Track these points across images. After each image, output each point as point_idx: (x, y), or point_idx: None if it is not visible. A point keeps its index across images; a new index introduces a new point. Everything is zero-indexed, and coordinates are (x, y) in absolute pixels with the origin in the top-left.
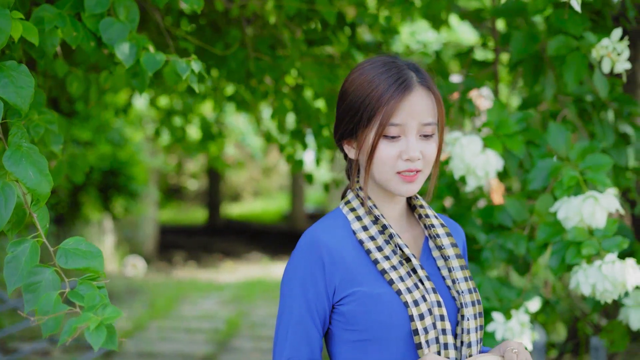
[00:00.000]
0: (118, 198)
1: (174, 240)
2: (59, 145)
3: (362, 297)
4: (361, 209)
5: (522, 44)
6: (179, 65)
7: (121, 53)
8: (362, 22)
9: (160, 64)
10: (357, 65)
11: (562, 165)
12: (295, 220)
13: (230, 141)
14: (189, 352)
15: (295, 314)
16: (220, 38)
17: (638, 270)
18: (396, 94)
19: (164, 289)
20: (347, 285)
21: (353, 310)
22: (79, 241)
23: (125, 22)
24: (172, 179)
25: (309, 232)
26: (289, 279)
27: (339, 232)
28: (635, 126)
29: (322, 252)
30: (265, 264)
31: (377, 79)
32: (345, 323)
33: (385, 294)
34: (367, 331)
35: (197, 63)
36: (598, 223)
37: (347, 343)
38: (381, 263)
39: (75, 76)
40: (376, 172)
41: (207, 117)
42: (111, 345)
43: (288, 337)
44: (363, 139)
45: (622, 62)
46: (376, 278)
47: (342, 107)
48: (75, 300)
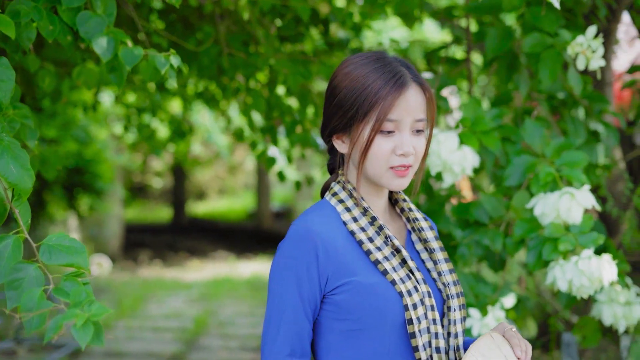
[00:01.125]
0: (83, 196)
1: (140, 238)
2: (34, 140)
3: (356, 287)
4: (349, 200)
5: (496, 41)
6: (158, 60)
7: (99, 47)
8: (336, 19)
9: (138, 58)
10: (347, 60)
11: (538, 161)
12: (261, 218)
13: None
14: (157, 351)
15: (289, 308)
16: (191, 34)
17: (614, 265)
18: (393, 89)
19: (130, 288)
20: (341, 275)
21: (347, 300)
22: (62, 237)
23: (103, 15)
24: (136, 177)
25: (300, 223)
26: (281, 271)
27: (329, 222)
28: (605, 124)
29: (316, 241)
30: (231, 263)
31: (373, 74)
32: (337, 313)
33: (379, 284)
34: (360, 320)
35: (176, 58)
36: (574, 219)
37: (336, 333)
38: (374, 254)
39: (47, 71)
40: (369, 166)
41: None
42: (98, 342)
43: (282, 332)
44: (358, 134)
45: (597, 60)
46: (369, 268)
47: (335, 101)
48: (61, 296)
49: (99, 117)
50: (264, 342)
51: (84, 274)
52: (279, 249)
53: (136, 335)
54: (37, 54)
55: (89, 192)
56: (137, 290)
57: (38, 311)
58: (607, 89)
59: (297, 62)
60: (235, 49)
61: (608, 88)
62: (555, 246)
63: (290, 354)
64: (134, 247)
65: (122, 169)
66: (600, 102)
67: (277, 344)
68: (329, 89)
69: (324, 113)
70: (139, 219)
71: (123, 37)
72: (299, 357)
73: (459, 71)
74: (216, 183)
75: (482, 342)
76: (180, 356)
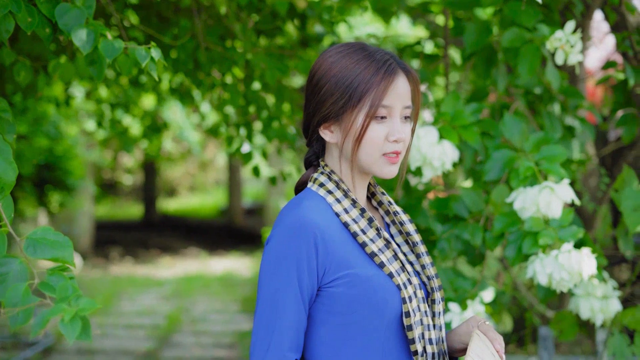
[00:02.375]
0: (54, 193)
1: (110, 235)
2: (12, 134)
3: (354, 279)
4: (337, 191)
5: (475, 36)
6: (139, 53)
7: (78, 40)
8: (313, 13)
9: (119, 51)
10: (329, 50)
11: (517, 156)
12: (232, 215)
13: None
14: (130, 348)
15: (289, 301)
16: (167, 28)
17: (593, 259)
18: (386, 75)
19: (101, 285)
20: (339, 267)
21: (344, 293)
22: (46, 231)
23: (82, 8)
24: (107, 174)
25: (295, 213)
26: (278, 261)
27: (324, 213)
28: (581, 119)
29: (315, 232)
30: (203, 259)
31: (363, 61)
32: (332, 305)
33: (377, 276)
34: (357, 313)
35: (157, 50)
36: (554, 213)
37: (330, 326)
38: (370, 246)
39: (22, 65)
40: (362, 153)
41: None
42: (85, 338)
43: (283, 326)
44: (351, 121)
45: (575, 55)
46: (365, 260)
47: (323, 90)
48: (46, 291)
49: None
50: (260, 336)
51: (69, 269)
52: (273, 239)
53: (109, 332)
54: (11, 47)
55: (59, 189)
56: (108, 287)
57: (23, 306)
58: (581, 85)
59: (274, 56)
60: (212, 43)
61: (581, 84)
62: (535, 240)
63: (290, 348)
64: (105, 244)
65: (92, 165)
66: (575, 98)
67: (278, 338)
68: (313, 79)
69: (309, 104)
70: (110, 215)
71: (103, 29)
72: (296, 352)
73: (435, 67)
74: (187, 180)
75: (475, 344)
76: (153, 353)
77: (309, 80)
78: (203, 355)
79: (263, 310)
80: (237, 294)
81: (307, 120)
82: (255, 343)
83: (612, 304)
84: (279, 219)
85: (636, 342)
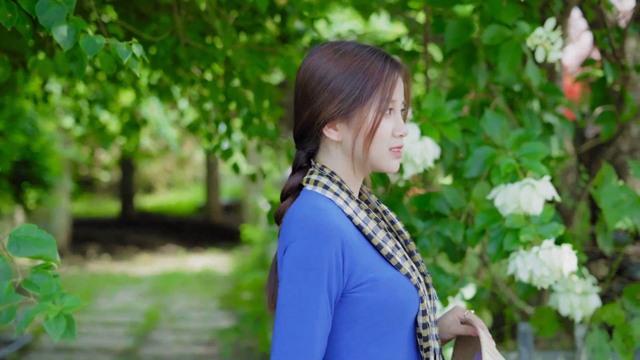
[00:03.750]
0: (30, 190)
1: (87, 232)
2: None
3: (379, 283)
4: (342, 193)
5: (456, 33)
6: (120, 49)
7: (59, 36)
8: (294, 10)
9: (100, 47)
10: (324, 48)
11: (498, 153)
12: (210, 212)
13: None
14: (108, 346)
15: (320, 309)
16: (146, 24)
17: (574, 255)
18: (391, 70)
19: (78, 283)
20: (364, 272)
21: (369, 297)
22: (29, 228)
23: (63, 3)
24: (84, 171)
25: (318, 217)
26: (308, 269)
27: (340, 216)
28: (560, 116)
29: (341, 237)
30: (181, 256)
31: (367, 57)
32: (357, 310)
33: (397, 277)
34: (381, 316)
35: (138, 47)
36: (535, 210)
37: (354, 331)
38: (385, 247)
39: (1, 61)
40: (372, 149)
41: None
42: (70, 336)
43: (314, 333)
44: (362, 117)
45: (556, 52)
46: (382, 262)
47: (329, 88)
48: (30, 289)
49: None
50: (287, 343)
51: (53, 267)
52: (297, 243)
53: (87, 330)
54: None
55: (36, 186)
56: (86, 284)
57: (6, 305)
58: (558, 82)
59: (255, 53)
60: (192, 40)
61: (559, 81)
62: (516, 237)
63: (320, 355)
64: (82, 241)
65: (69, 162)
66: (554, 95)
67: (310, 346)
68: (313, 78)
69: (310, 105)
70: (87, 212)
71: (84, 25)
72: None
73: (415, 64)
74: (165, 176)
75: (485, 340)
76: (131, 351)
77: (307, 79)
78: (182, 353)
79: (291, 317)
80: (216, 291)
81: (308, 120)
82: (285, 348)
83: (591, 300)
84: (297, 222)
85: (615, 337)
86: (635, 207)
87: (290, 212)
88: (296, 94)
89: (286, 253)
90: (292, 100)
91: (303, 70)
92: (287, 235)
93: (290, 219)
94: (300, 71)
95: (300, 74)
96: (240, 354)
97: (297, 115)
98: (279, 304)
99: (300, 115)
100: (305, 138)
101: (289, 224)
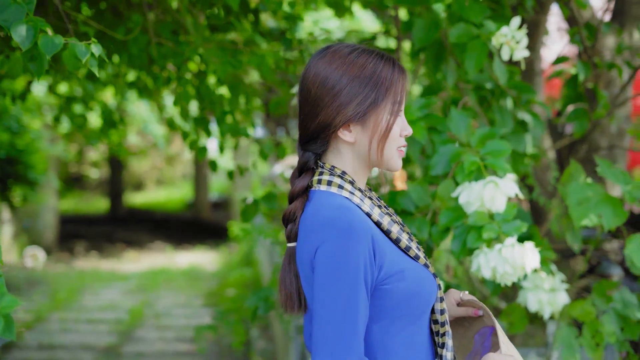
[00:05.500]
0: (16, 187)
1: (76, 230)
2: None
3: (405, 274)
4: (356, 192)
5: (424, 32)
6: (79, 49)
7: (18, 36)
8: (266, 8)
9: (58, 47)
10: (333, 51)
11: (463, 151)
12: (199, 208)
13: (132, 129)
14: (91, 343)
15: (360, 306)
16: (121, 23)
17: (536, 253)
18: (399, 73)
19: (65, 280)
20: (391, 265)
21: (397, 288)
22: None
23: (22, 3)
24: (73, 168)
25: (345, 215)
26: (345, 268)
27: (361, 213)
28: (533, 113)
29: (370, 234)
30: (169, 253)
31: (378, 60)
32: (386, 301)
33: (418, 268)
34: (407, 306)
35: (97, 46)
36: (498, 207)
37: (381, 322)
38: (403, 240)
39: None
40: (386, 149)
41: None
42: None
43: (357, 331)
44: (379, 119)
45: (521, 50)
46: (403, 255)
47: (345, 91)
48: None
49: (31, 106)
50: (332, 343)
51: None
52: (328, 244)
53: (70, 327)
54: None
55: (21, 183)
56: (72, 282)
57: None
58: (537, 78)
59: (227, 51)
60: (165, 38)
61: (537, 78)
62: (479, 234)
63: (363, 350)
64: (70, 238)
65: (56, 159)
66: (527, 92)
67: (357, 343)
68: (328, 82)
69: (324, 108)
70: (76, 210)
71: (43, 25)
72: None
73: None
74: (154, 173)
75: (499, 325)
76: (114, 348)
77: (319, 84)
78: (165, 350)
79: (334, 317)
80: (202, 288)
81: (322, 123)
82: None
83: (559, 296)
84: (325, 223)
85: (584, 334)
86: (601, 204)
87: (311, 213)
88: (305, 98)
89: (318, 255)
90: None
91: (313, 74)
92: (315, 237)
93: (314, 221)
94: (310, 76)
95: (310, 79)
96: (223, 351)
97: (308, 119)
98: (319, 305)
99: (312, 118)
100: (316, 140)
101: (314, 225)
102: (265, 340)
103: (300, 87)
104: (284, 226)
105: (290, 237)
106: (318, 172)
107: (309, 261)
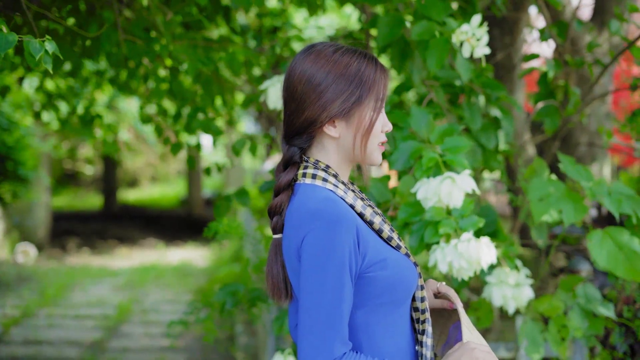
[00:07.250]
0: (6, 184)
1: (68, 226)
2: None
3: (387, 263)
4: (340, 185)
5: (387, 29)
6: (32, 46)
7: None
8: (235, 6)
9: (12, 44)
10: (318, 49)
11: (423, 147)
12: (192, 205)
13: (124, 126)
14: (77, 339)
15: (345, 294)
16: (95, 20)
17: (492, 248)
18: (381, 70)
19: (55, 276)
20: (375, 254)
21: (380, 276)
22: None
23: None
24: (67, 164)
25: (331, 206)
26: (330, 257)
27: (345, 204)
28: (503, 110)
29: (355, 223)
30: (160, 250)
31: (362, 58)
32: (369, 289)
33: (400, 258)
34: (389, 294)
35: (51, 43)
36: (455, 203)
37: (364, 309)
38: (385, 231)
39: None
40: (369, 144)
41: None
42: None
43: (342, 320)
44: (362, 115)
45: (481, 47)
46: (384, 244)
47: (331, 89)
48: None
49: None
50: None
51: None
52: (313, 233)
53: (57, 323)
54: None
55: (11, 180)
56: (62, 278)
57: None
58: (514, 72)
59: (198, 48)
60: (136, 36)
61: (514, 72)
62: (436, 229)
63: (347, 336)
64: (62, 235)
65: (48, 156)
66: (496, 89)
67: (340, 329)
68: (314, 80)
69: (309, 105)
70: (69, 206)
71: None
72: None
73: None
74: (148, 170)
75: (463, 314)
76: (100, 343)
77: (305, 81)
78: (150, 345)
79: (320, 304)
80: (191, 284)
81: (308, 119)
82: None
83: (524, 291)
84: (311, 214)
85: (550, 328)
86: (562, 200)
87: (297, 205)
88: (291, 95)
89: (305, 244)
90: None
91: (299, 73)
92: (301, 228)
93: (300, 213)
94: (295, 74)
95: (296, 77)
96: (206, 346)
97: (294, 115)
98: (306, 293)
99: (298, 114)
100: (301, 135)
101: (300, 217)
102: (248, 335)
103: (286, 85)
104: (269, 219)
105: (276, 229)
106: (303, 166)
107: (296, 251)
